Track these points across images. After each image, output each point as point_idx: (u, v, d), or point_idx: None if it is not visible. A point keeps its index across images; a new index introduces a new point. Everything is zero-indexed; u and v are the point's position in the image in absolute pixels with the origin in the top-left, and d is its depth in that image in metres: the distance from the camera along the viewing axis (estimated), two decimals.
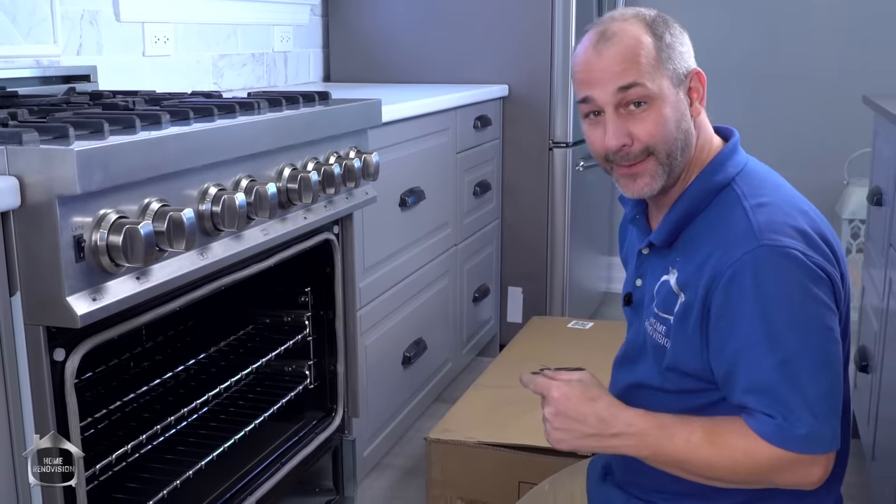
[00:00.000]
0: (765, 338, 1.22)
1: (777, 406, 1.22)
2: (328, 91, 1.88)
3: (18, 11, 1.97)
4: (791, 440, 1.21)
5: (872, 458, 2.08)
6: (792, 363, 1.22)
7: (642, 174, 1.31)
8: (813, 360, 1.22)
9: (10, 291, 1.12)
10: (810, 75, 3.66)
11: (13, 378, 1.13)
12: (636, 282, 1.44)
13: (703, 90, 1.35)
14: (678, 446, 1.27)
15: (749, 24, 3.71)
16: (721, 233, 1.28)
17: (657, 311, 1.36)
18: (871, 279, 2.31)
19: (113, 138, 1.19)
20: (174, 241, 1.22)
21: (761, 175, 1.36)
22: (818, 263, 1.23)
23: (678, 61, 1.32)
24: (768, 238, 1.23)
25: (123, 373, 1.84)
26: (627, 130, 1.29)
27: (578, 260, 3.34)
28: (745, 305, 1.23)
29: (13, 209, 1.09)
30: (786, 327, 1.22)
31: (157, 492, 1.51)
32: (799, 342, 1.22)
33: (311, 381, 1.98)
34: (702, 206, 1.33)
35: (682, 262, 1.32)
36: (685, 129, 1.32)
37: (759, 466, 1.24)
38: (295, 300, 1.97)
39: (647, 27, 1.31)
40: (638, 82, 1.28)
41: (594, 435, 1.31)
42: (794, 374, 1.22)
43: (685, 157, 1.33)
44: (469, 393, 2.27)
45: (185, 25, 2.56)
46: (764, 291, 1.22)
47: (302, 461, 1.83)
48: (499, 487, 2.00)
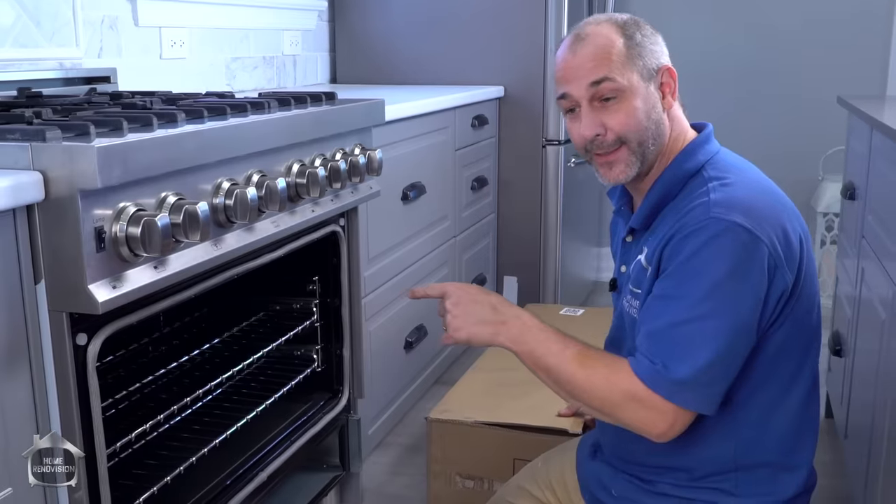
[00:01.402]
0: (682, 296, 1.25)
1: (662, 355, 1.24)
2: (334, 92, 1.87)
3: (43, 16, 1.96)
4: (661, 383, 1.24)
5: (845, 437, 2.08)
6: (694, 325, 1.24)
7: (617, 162, 1.35)
8: (716, 330, 1.23)
9: (35, 280, 1.11)
10: (787, 78, 3.66)
11: (38, 361, 1.13)
12: (621, 268, 1.46)
13: (674, 85, 1.37)
14: (551, 351, 1.31)
15: (729, 29, 3.70)
16: (685, 213, 1.30)
17: (631, 288, 1.38)
18: (845, 268, 2.31)
19: (131, 136, 1.19)
20: (189, 232, 1.22)
21: (730, 161, 1.37)
22: (761, 238, 1.24)
23: (648, 58, 1.34)
24: (717, 212, 1.25)
25: (142, 356, 1.84)
26: (601, 121, 1.33)
27: (570, 251, 3.33)
28: (678, 263, 1.26)
29: (38, 202, 1.09)
30: (704, 294, 1.23)
31: (174, 467, 1.51)
32: (711, 310, 1.23)
33: (319, 365, 1.98)
34: (674, 191, 1.35)
35: (651, 240, 1.35)
36: (655, 119, 1.34)
37: (614, 394, 1.27)
38: (303, 288, 1.97)
39: (618, 28, 1.35)
40: (608, 77, 1.31)
41: (486, 321, 1.35)
42: (692, 336, 1.24)
43: (657, 146, 1.36)
44: (467, 376, 2.27)
45: (200, 30, 2.55)
46: (698, 257, 1.24)
47: (310, 439, 1.83)
48: (495, 464, 2.00)
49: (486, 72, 3.14)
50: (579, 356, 1.30)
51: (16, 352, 1.10)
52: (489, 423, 2.00)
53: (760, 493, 1.35)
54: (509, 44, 3.10)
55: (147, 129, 1.26)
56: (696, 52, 3.63)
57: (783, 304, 1.29)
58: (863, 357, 1.91)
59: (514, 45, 3.10)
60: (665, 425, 1.25)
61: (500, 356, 2.44)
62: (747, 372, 1.31)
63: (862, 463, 1.80)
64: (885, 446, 1.60)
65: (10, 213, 1.07)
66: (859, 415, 1.91)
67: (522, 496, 1.64)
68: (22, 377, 1.11)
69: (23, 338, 1.11)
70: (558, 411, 1.97)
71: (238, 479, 1.62)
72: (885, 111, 2.05)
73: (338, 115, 1.75)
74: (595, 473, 1.50)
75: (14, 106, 1.58)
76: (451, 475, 2.06)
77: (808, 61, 3.63)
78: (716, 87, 3.68)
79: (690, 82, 1.41)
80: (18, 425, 1.11)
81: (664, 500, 1.39)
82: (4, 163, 1.10)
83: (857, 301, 2.04)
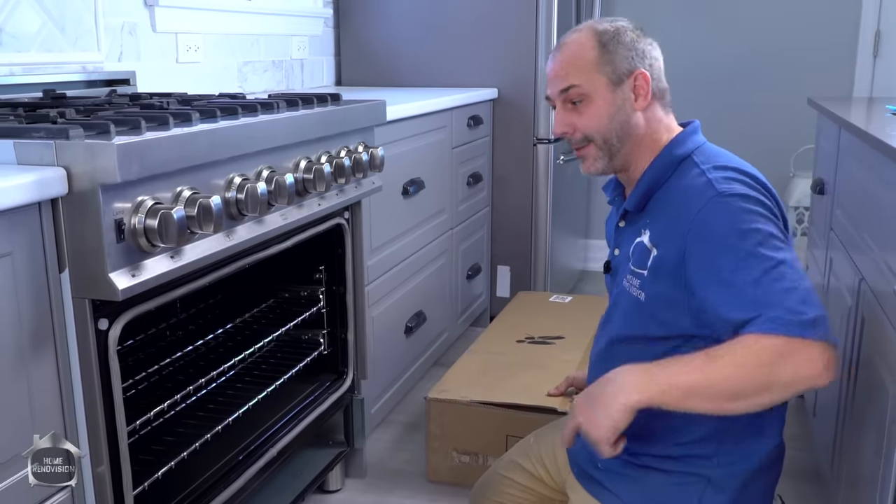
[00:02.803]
0: (745, 260, 1.19)
1: (774, 308, 1.15)
2: (339, 93, 1.87)
3: (67, 23, 1.95)
4: (792, 326, 1.13)
5: (813, 415, 2.09)
6: (774, 272, 1.17)
7: (586, 157, 1.40)
8: (791, 267, 1.19)
9: (60, 269, 1.11)
10: (761, 82, 3.66)
11: (63, 345, 1.13)
12: (614, 251, 1.46)
13: (647, 87, 1.37)
14: (682, 372, 1.18)
15: (706, 36, 3.69)
16: (683, 192, 1.30)
17: (633, 268, 1.36)
18: (814, 258, 2.31)
19: (149, 134, 1.18)
20: (204, 224, 1.22)
21: (716, 150, 1.39)
22: (765, 197, 1.26)
23: (620, 64, 1.36)
24: (722, 187, 1.25)
25: (160, 340, 1.84)
26: (570, 121, 1.38)
27: (559, 242, 3.33)
28: (718, 244, 1.22)
29: (62, 196, 1.08)
30: (758, 250, 1.19)
31: (190, 444, 1.51)
32: (773, 255, 1.19)
33: (325, 348, 1.98)
34: (665, 176, 1.36)
35: (652, 223, 1.34)
36: (621, 120, 1.36)
37: (762, 359, 1.13)
38: (310, 277, 1.96)
39: (595, 36, 1.37)
40: (574, 84, 1.36)
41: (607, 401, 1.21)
42: (781, 279, 1.17)
43: (623, 143, 1.38)
44: (463, 358, 2.27)
45: (214, 36, 2.54)
46: (726, 229, 1.22)
47: (317, 417, 1.83)
48: (489, 440, 2.01)
49: (480, 75, 3.13)
50: (706, 357, 1.18)
51: (42, 336, 1.10)
52: (484, 403, 2.00)
53: (736, 461, 1.35)
54: (503, 49, 3.09)
55: (164, 128, 1.26)
56: (674, 57, 3.59)
57: None
58: None
59: (507, 50, 3.09)
60: (822, 361, 1.14)
61: (496, 341, 2.44)
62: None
63: (828, 438, 1.81)
64: (851, 423, 1.60)
65: (35, 206, 1.07)
66: (826, 394, 1.91)
67: (515, 469, 1.64)
68: (48, 359, 1.11)
69: (48, 323, 1.11)
70: (548, 391, 1.97)
71: (250, 455, 1.62)
72: (852, 112, 2.05)
73: (342, 115, 1.75)
74: (583, 448, 1.50)
75: (40, 106, 1.57)
76: (449, 451, 2.06)
77: (781, 66, 3.63)
78: (693, 91, 3.67)
79: (670, 85, 1.41)
80: (46, 404, 1.11)
81: (646, 472, 1.39)
82: (31, 159, 1.10)
83: (825, 289, 2.04)
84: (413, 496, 2.03)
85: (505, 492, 1.64)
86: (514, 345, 2.30)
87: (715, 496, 1.35)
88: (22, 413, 1.08)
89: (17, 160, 1.10)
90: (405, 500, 2.02)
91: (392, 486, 2.08)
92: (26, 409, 1.08)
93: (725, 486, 1.35)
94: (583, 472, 1.48)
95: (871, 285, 1.50)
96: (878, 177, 1.52)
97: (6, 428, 1.06)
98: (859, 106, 2.28)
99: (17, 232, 1.05)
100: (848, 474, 1.59)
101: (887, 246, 1.40)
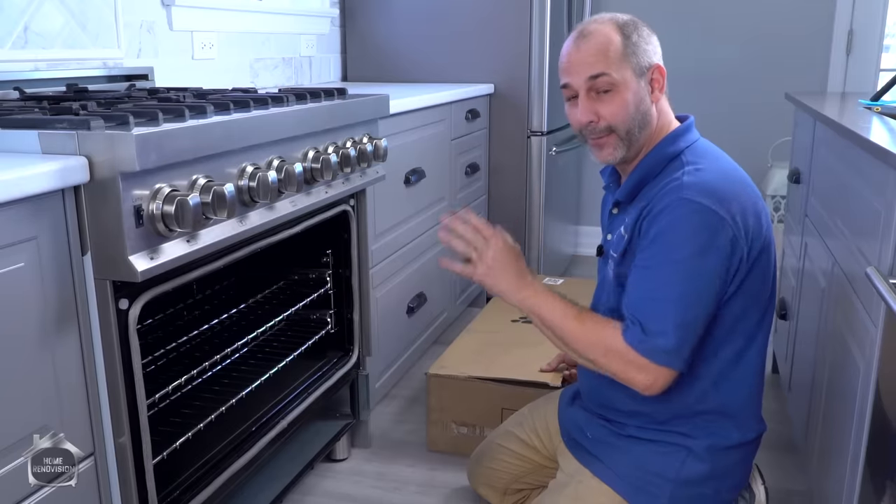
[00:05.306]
0: (657, 266, 1.25)
1: (641, 321, 1.25)
2: (345, 88, 1.86)
3: (88, 21, 1.94)
4: (650, 349, 1.24)
5: (789, 390, 2.09)
6: (666, 293, 1.24)
7: (606, 146, 1.35)
8: (685, 298, 1.24)
9: (83, 252, 1.10)
10: (740, 77, 3.64)
11: (86, 323, 1.13)
12: (607, 237, 1.46)
13: (663, 81, 1.37)
14: (556, 314, 1.32)
15: (688, 33, 3.67)
16: (662, 188, 1.30)
17: (612, 254, 1.38)
18: (790, 244, 2.30)
19: (166, 125, 1.17)
20: (218, 210, 1.21)
21: (706, 149, 1.37)
22: (724, 218, 1.24)
23: (642, 56, 1.33)
24: (688, 194, 1.24)
25: (177, 319, 1.83)
26: (595, 110, 1.33)
27: (551, 228, 3.32)
28: (653, 237, 1.26)
29: (84, 184, 1.08)
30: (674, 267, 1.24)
31: (206, 416, 1.51)
32: (680, 280, 1.24)
33: (332, 327, 1.97)
34: (655, 171, 1.35)
35: (631, 212, 1.35)
36: (643, 111, 1.34)
37: (609, 353, 1.27)
38: (318, 260, 1.96)
39: (618, 28, 1.34)
40: (605, 72, 1.31)
41: (512, 281, 1.36)
42: (665, 304, 1.24)
43: (644, 133, 1.35)
44: (461, 337, 2.26)
45: (227, 34, 2.52)
46: (671, 233, 1.24)
47: (325, 392, 1.83)
48: (485, 413, 2.01)
49: (478, 71, 3.12)
50: (579, 317, 1.31)
51: (66, 315, 1.09)
52: (481, 378, 2.00)
53: (714, 436, 1.36)
54: (499, 47, 3.08)
55: (180, 120, 1.25)
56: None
57: (742, 278, 1.29)
58: (805, 320, 1.91)
59: (503, 48, 3.07)
60: (648, 380, 1.25)
61: (491, 320, 2.44)
62: (709, 335, 1.30)
63: (803, 412, 1.81)
64: (824, 398, 1.60)
65: (59, 193, 1.06)
66: (801, 370, 1.91)
67: (510, 439, 1.65)
68: (72, 337, 1.11)
69: (72, 302, 1.10)
70: (541, 367, 1.97)
71: (262, 426, 1.62)
72: (826, 106, 2.04)
73: (348, 108, 1.74)
74: (573, 418, 1.51)
75: (63, 100, 1.56)
76: (448, 422, 2.06)
77: (760, 63, 3.61)
78: (676, 85, 3.65)
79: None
80: (70, 379, 1.11)
81: (631, 441, 1.40)
82: (54, 149, 1.09)
83: (800, 272, 2.03)
84: (414, 465, 2.03)
85: (501, 458, 1.64)
86: (508, 324, 2.30)
87: (695, 464, 1.35)
88: (48, 387, 1.07)
89: (42, 150, 1.09)
90: (407, 468, 2.02)
91: (395, 455, 2.08)
92: (52, 383, 1.08)
93: (704, 457, 1.35)
94: (573, 441, 1.49)
95: (844, 268, 1.49)
96: (851, 166, 1.51)
97: (33, 400, 1.05)
98: (833, 100, 2.26)
99: (42, 217, 1.04)
100: (821, 445, 1.60)
101: (859, 231, 1.40)
